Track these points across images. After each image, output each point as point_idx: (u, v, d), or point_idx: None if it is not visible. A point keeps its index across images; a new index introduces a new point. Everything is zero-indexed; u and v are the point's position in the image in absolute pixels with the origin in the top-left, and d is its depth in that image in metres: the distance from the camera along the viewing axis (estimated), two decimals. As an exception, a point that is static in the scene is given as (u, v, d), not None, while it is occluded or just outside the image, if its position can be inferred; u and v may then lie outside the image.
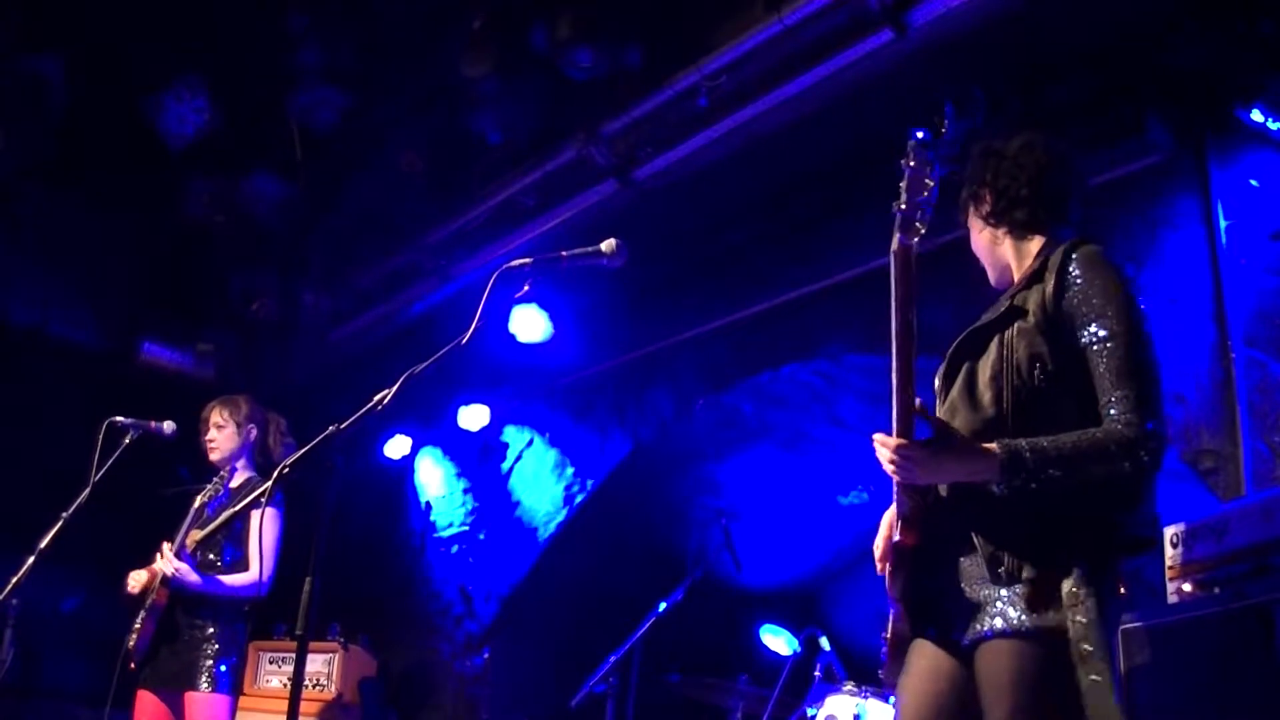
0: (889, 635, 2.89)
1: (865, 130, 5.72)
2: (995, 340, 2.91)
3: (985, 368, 2.89)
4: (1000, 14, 4.86)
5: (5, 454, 7.43)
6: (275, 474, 3.47)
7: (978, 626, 2.73)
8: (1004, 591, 2.72)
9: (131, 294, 8.41)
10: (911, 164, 2.74)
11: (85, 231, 8.20)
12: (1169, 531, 4.05)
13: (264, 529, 5.12)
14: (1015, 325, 2.88)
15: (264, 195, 7.66)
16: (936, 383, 2.94)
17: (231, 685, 5.11)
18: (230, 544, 5.26)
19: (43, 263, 8.02)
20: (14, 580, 4.71)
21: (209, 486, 5.32)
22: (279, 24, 6.89)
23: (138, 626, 5.08)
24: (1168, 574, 4.01)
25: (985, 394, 2.86)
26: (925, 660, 2.90)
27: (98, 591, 6.55)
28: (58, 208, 7.95)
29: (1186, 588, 3.90)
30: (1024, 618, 2.66)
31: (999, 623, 2.69)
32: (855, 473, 7.64)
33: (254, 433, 5.55)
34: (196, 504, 5.25)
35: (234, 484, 5.40)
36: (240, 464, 5.50)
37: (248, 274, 8.10)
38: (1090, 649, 2.58)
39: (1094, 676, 2.57)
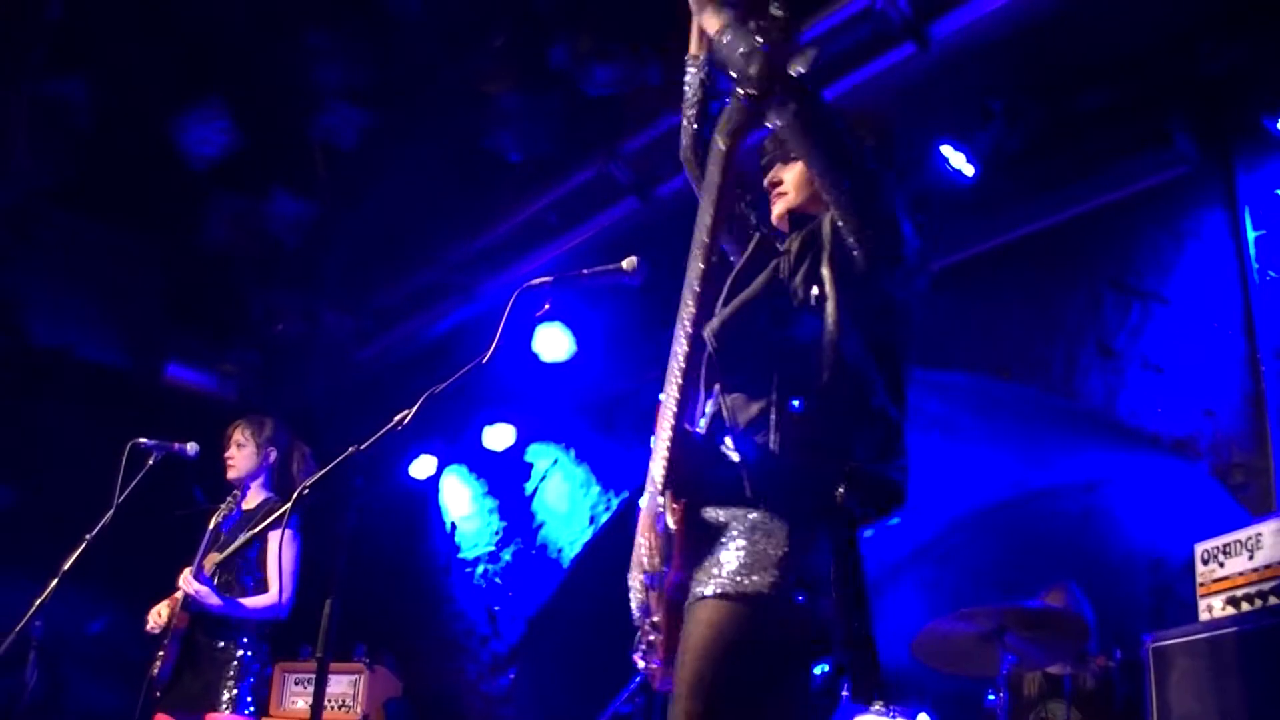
0: (660, 621, 2.86)
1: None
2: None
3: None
4: (1023, 25, 4.84)
5: (31, 476, 7.44)
6: (294, 496, 3.46)
7: (698, 590, 2.71)
8: (728, 545, 2.71)
9: (155, 315, 8.42)
10: None
11: (109, 253, 8.21)
12: (1199, 548, 4.01)
13: (283, 551, 5.12)
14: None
15: (286, 215, 7.66)
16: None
17: (252, 706, 5.10)
18: (248, 567, 5.25)
19: (67, 285, 8.04)
20: (37, 603, 4.71)
21: (223, 505, 5.34)
22: (301, 43, 6.89)
23: (161, 654, 5.07)
24: (1198, 590, 3.97)
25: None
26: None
27: (123, 613, 6.54)
28: (82, 230, 7.97)
29: (1217, 604, 3.85)
30: (728, 579, 2.65)
31: (700, 590, 2.69)
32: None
33: (273, 455, 5.52)
34: (211, 524, 5.26)
35: (249, 505, 5.39)
36: (256, 484, 5.47)
37: (270, 294, 8.11)
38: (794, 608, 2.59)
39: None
